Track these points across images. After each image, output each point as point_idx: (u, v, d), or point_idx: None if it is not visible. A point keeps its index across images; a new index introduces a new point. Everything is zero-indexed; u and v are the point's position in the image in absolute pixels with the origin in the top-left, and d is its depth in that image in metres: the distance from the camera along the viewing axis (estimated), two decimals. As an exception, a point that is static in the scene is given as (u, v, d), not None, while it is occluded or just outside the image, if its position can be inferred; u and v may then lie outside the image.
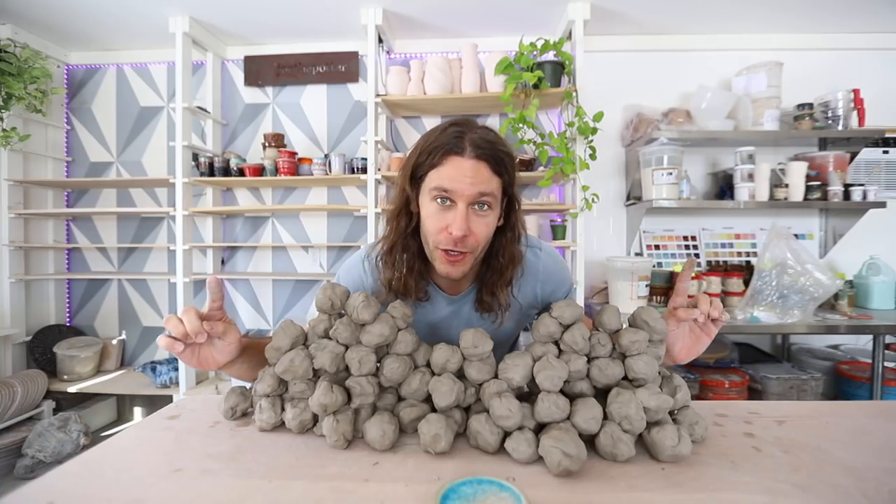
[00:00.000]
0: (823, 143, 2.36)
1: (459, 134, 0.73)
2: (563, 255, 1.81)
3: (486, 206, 0.74)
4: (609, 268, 2.12)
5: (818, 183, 2.13)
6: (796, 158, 2.24)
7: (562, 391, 0.66)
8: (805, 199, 2.13)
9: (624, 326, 0.73)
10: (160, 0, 2.13)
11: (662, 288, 2.21)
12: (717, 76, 2.42)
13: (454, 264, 0.76)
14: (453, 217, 0.73)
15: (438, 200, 0.74)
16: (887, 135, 2.26)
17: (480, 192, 0.72)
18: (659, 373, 0.70)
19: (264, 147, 2.42)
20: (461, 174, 0.71)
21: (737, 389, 2.02)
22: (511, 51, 2.18)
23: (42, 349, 2.49)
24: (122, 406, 2.69)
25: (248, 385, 0.79)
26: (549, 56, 2.15)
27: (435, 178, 0.73)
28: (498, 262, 0.81)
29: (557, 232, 2.32)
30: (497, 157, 0.73)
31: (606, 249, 2.44)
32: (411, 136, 2.57)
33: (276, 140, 2.43)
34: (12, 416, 2.11)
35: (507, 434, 0.63)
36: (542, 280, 0.90)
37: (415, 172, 0.77)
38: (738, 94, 2.26)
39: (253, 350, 0.77)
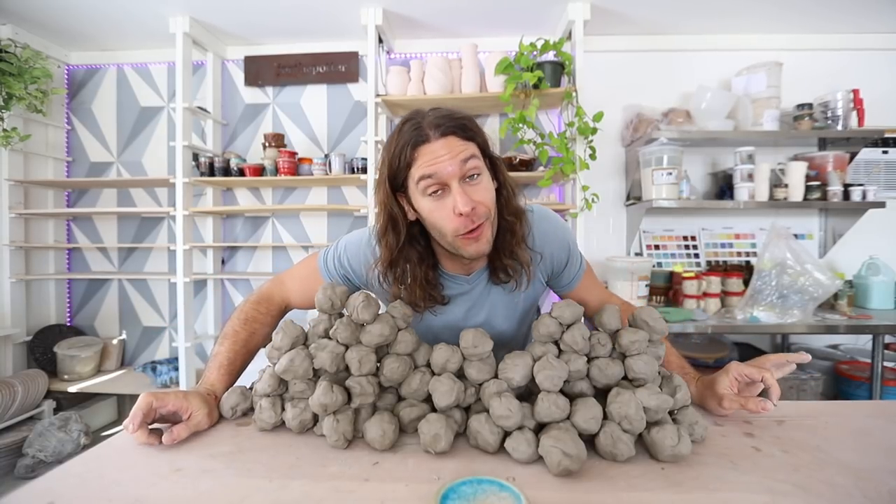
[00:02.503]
0: (823, 143, 2.36)
1: (416, 126, 0.73)
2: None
3: (475, 175, 0.73)
4: (609, 268, 2.12)
5: (818, 183, 2.13)
6: (796, 158, 2.24)
7: (562, 391, 0.67)
8: (805, 199, 2.13)
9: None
10: (160, 0, 2.13)
11: (662, 288, 2.21)
12: (716, 76, 2.42)
13: (478, 240, 0.74)
14: (453, 199, 0.71)
15: (431, 192, 0.72)
16: (887, 135, 2.26)
17: (463, 160, 0.71)
18: (659, 373, 0.70)
19: (264, 147, 2.42)
20: (437, 157, 0.71)
21: (736, 389, 2.02)
22: (511, 51, 2.18)
23: (42, 349, 2.48)
24: (123, 406, 2.68)
25: (247, 385, 0.79)
26: (549, 56, 2.15)
27: (416, 172, 0.72)
28: (506, 220, 0.79)
29: (557, 232, 2.31)
30: (460, 125, 0.73)
31: (606, 249, 2.44)
32: (411, 136, 2.56)
33: (277, 140, 2.43)
34: (13, 416, 2.11)
35: (507, 434, 0.63)
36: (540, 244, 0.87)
37: (394, 182, 0.76)
38: (738, 94, 2.25)
39: (233, 377, 0.80)
